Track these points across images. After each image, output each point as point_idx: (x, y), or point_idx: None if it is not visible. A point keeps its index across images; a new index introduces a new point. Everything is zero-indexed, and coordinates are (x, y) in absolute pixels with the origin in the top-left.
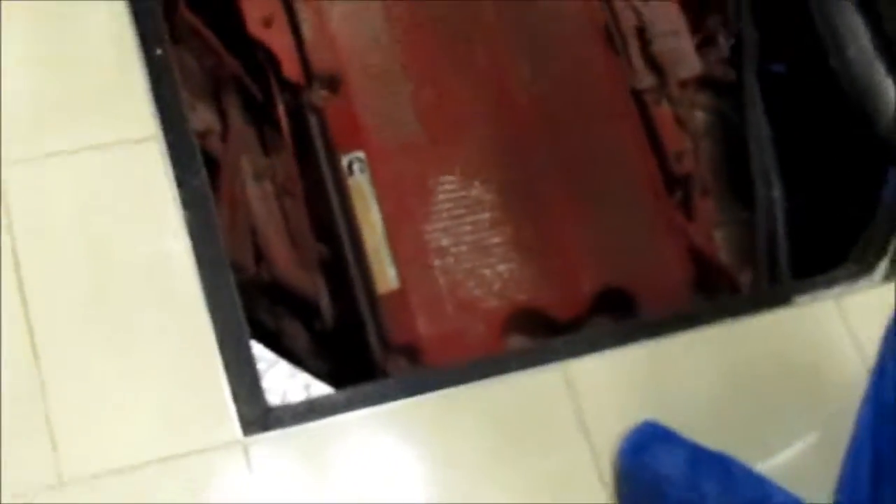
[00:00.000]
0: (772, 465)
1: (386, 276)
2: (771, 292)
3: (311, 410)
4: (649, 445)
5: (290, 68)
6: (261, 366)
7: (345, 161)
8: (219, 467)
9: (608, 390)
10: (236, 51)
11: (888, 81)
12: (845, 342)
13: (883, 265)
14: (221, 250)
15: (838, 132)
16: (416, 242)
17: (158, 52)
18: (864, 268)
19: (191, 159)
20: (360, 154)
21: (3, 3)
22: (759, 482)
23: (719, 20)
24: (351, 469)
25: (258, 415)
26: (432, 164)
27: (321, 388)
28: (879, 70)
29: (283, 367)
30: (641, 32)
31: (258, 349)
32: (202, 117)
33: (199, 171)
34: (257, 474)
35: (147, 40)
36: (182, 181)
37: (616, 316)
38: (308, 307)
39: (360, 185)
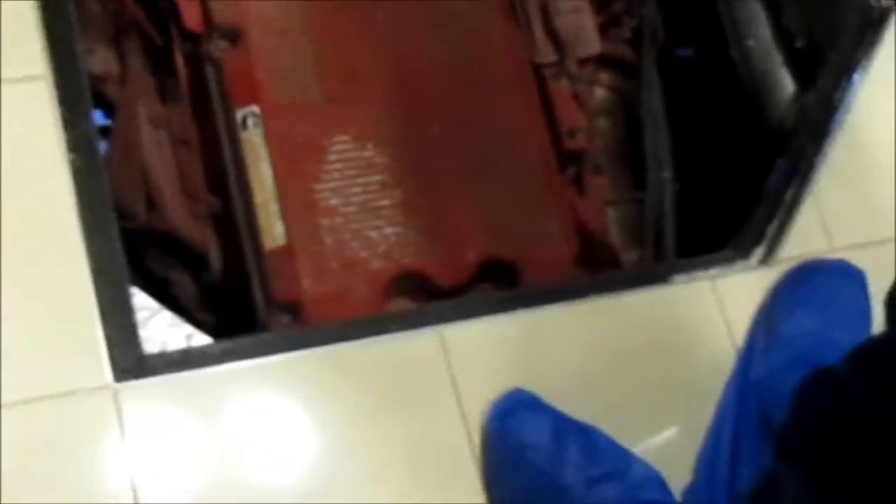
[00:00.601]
0: (636, 439)
1: (273, 232)
2: (649, 270)
3: (186, 360)
4: (516, 412)
5: (192, 17)
6: (143, 314)
7: (239, 115)
8: (87, 412)
9: (483, 357)
10: None
11: (784, 73)
12: (717, 323)
13: (759, 251)
14: (106, 194)
15: (733, 119)
16: (305, 200)
17: None
18: (741, 252)
19: (80, 101)
20: (255, 109)
21: None
22: (621, 454)
23: (623, 1)
24: (222, 421)
25: (131, 361)
26: (327, 123)
27: (203, 340)
28: (776, 61)
29: (165, 316)
30: (545, 7)
31: (141, 297)
32: (101, 61)
33: (87, 114)
34: (127, 421)
35: None
36: (70, 123)
37: (499, 286)
38: (196, 258)
39: (254, 140)
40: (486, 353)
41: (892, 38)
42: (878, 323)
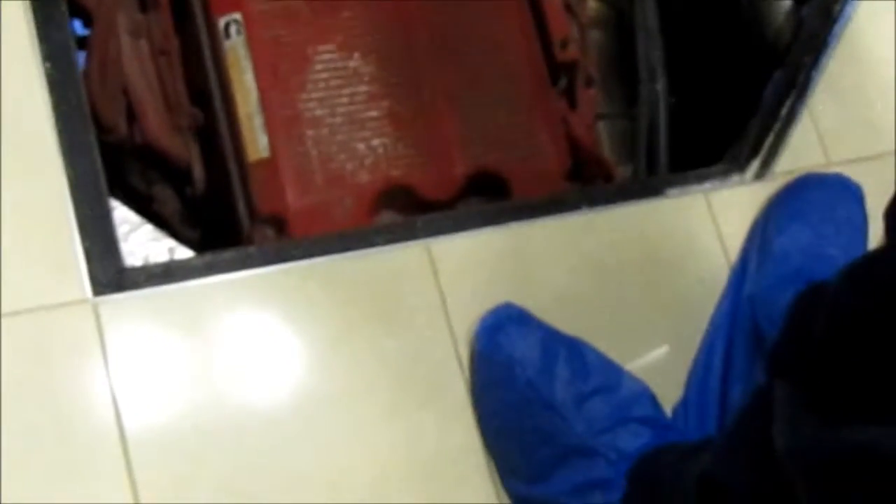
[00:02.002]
0: (626, 354)
1: (257, 144)
2: (642, 183)
3: (167, 273)
4: (505, 327)
5: None
6: (124, 228)
7: (222, 22)
8: (65, 326)
9: (471, 271)
10: None
11: None
12: (711, 238)
13: (755, 165)
14: (83, 105)
15: (729, 31)
16: (289, 111)
17: None
18: (736, 166)
19: (56, 10)
20: (238, 16)
21: None
22: (611, 370)
23: None
24: (204, 335)
25: (111, 275)
26: (312, 32)
27: (185, 254)
28: None
29: (146, 230)
30: None
31: (122, 211)
32: None
33: (64, 23)
34: (107, 335)
35: None
36: (45, 35)
37: (488, 199)
38: (178, 172)
39: (236, 50)
40: (474, 267)
41: None
42: (873, 238)
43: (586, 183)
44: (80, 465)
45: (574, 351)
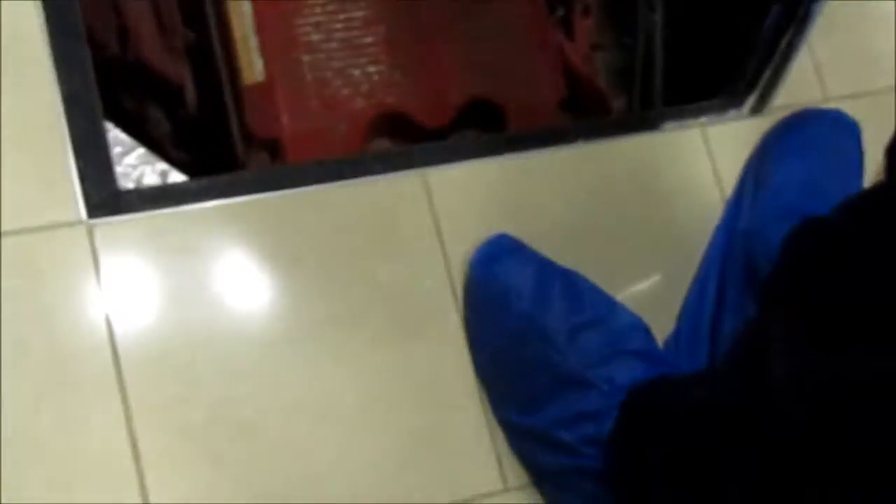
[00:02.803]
0: (620, 287)
1: (252, 67)
2: (639, 116)
3: (162, 196)
4: (500, 257)
5: None
6: (117, 150)
7: None
8: (59, 247)
9: (467, 201)
10: None
11: None
12: (706, 172)
13: (752, 99)
14: (77, 21)
15: None
16: (285, 35)
17: None
18: (733, 100)
19: None
20: None
21: None
22: (605, 301)
23: None
24: (198, 259)
25: (106, 197)
26: None
27: (179, 177)
28: None
29: (140, 152)
30: None
31: (116, 133)
32: None
33: None
34: (101, 257)
35: None
36: None
37: (484, 128)
38: (172, 94)
39: None
40: (470, 198)
41: None
42: (869, 174)
43: (582, 113)
44: (72, 384)
45: (569, 282)
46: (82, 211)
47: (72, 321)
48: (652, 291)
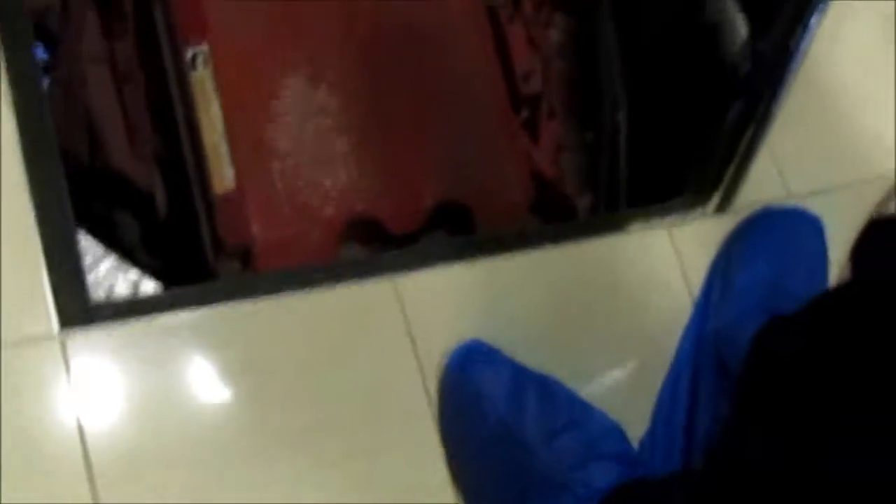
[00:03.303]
0: (593, 389)
1: (223, 175)
2: (606, 218)
3: (134, 308)
4: (474, 363)
5: None
6: (88, 259)
7: (189, 53)
8: (32, 362)
9: (438, 305)
10: None
11: (737, 14)
12: (674, 271)
13: (716, 197)
14: (50, 134)
15: (687, 61)
16: (256, 143)
17: None
18: (697, 199)
19: (22, 34)
20: (205, 48)
21: None
22: (580, 405)
23: None
24: (169, 368)
25: (78, 309)
26: (279, 64)
27: (150, 286)
28: (730, 2)
29: (111, 261)
30: None
31: (86, 242)
32: None
33: (29, 50)
34: (74, 369)
35: None
36: (11, 59)
37: (454, 232)
38: (142, 202)
39: (203, 80)
40: (442, 302)
41: None
42: (834, 271)
43: (550, 215)
44: (45, 494)
45: (543, 387)
46: (55, 324)
47: (44, 434)
48: (623, 391)
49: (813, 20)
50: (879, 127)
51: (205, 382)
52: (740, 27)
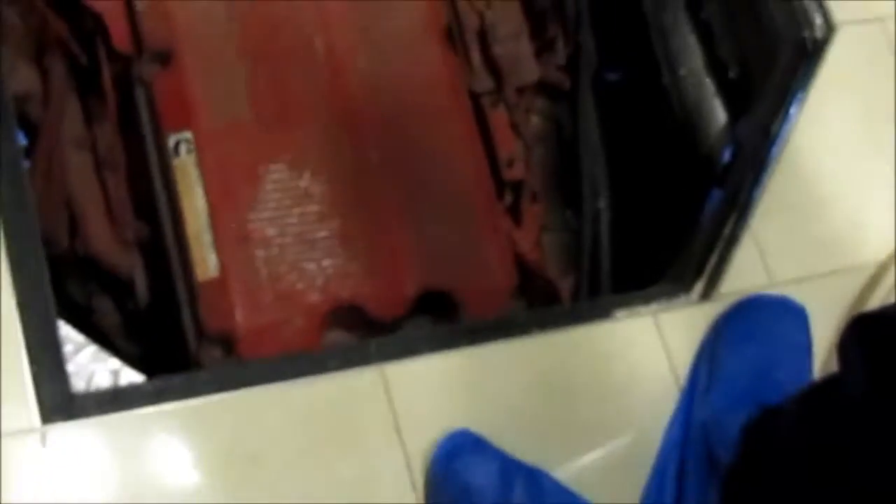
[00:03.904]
0: (580, 477)
1: (206, 262)
2: (590, 305)
3: (116, 400)
4: (462, 454)
5: (120, 37)
6: (68, 348)
7: (171, 141)
8: (13, 455)
9: (424, 395)
10: (64, 13)
11: (716, 103)
12: (660, 359)
13: (700, 285)
14: (33, 223)
15: (667, 148)
16: (239, 230)
17: None
18: (681, 286)
19: (5, 123)
20: (188, 135)
21: None
22: (568, 496)
23: (559, 27)
24: (152, 461)
25: (60, 401)
26: (262, 151)
27: (130, 374)
28: (709, 91)
29: (91, 350)
30: (483, 35)
31: (66, 331)
32: (23, 79)
33: (12, 137)
34: (55, 464)
35: None
36: None
37: (438, 318)
38: (123, 289)
39: (186, 167)
40: (428, 390)
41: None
42: (819, 358)
43: (533, 299)
44: None
45: (531, 478)
46: (36, 417)
47: None
48: (610, 479)
49: (793, 109)
50: (860, 214)
51: (187, 475)
52: (721, 115)
